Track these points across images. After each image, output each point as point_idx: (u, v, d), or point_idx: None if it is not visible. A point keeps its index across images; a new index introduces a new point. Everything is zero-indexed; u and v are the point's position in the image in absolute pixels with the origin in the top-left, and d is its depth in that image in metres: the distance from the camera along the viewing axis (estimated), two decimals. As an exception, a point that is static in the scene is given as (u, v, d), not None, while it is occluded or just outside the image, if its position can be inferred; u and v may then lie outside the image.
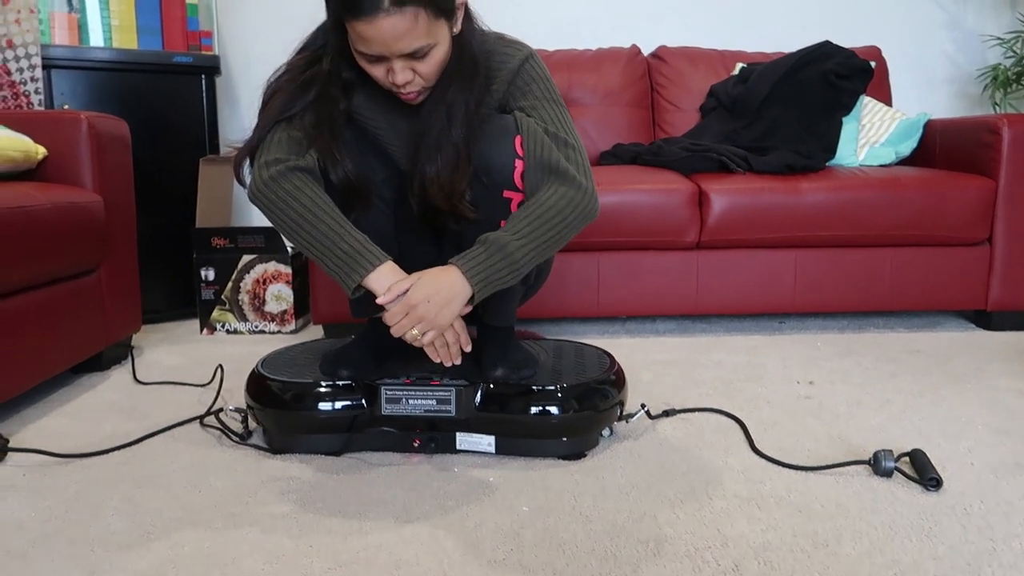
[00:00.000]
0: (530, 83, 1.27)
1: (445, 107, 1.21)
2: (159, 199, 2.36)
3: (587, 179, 1.23)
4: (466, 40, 1.21)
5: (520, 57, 1.27)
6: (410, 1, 1.07)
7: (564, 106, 1.29)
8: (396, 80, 1.15)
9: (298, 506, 1.14)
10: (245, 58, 2.85)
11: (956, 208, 2.09)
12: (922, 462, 1.21)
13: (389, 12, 1.07)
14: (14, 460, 1.32)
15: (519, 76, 1.26)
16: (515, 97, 1.26)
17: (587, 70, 2.66)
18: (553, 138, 1.22)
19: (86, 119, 1.78)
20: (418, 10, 1.08)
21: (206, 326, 2.29)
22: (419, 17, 1.09)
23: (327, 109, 1.23)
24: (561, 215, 1.20)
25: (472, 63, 1.22)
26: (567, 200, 1.20)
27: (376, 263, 1.19)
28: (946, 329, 2.20)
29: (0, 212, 1.41)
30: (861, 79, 2.36)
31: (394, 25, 1.08)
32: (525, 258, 1.19)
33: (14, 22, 2.16)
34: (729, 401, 1.59)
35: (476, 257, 1.18)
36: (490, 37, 1.28)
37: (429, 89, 1.21)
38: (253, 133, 1.26)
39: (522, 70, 1.27)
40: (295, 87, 1.24)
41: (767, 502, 1.14)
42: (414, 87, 1.18)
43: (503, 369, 1.34)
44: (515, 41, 1.30)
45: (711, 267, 2.15)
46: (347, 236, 1.19)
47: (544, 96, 1.26)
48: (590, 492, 1.18)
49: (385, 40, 1.09)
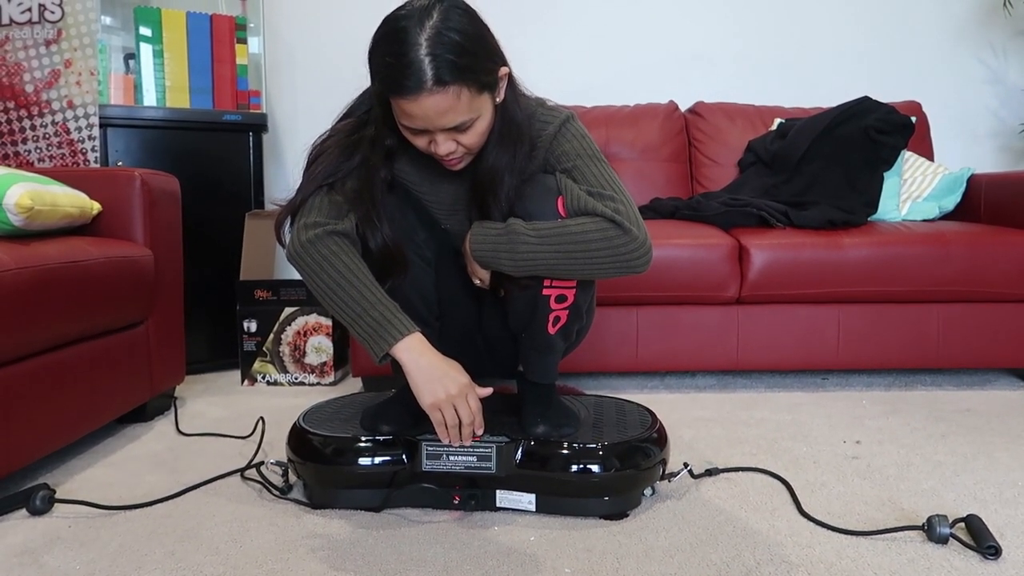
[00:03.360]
0: (570, 144, 1.27)
1: (489, 171, 1.22)
2: (205, 252, 2.42)
3: (636, 227, 1.20)
4: (510, 106, 1.23)
5: (560, 120, 1.28)
6: (452, 80, 1.08)
7: (606, 162, 1.29)
8: (439, 151, 1.17)
9: (338, 563, 1.13)
10: (292, 116, 2.94)
11: (1004, 264, 2.05)
12: (979, 528, 1.17)
13: (432, 92, 1.08)
14: (60, 511, 1.33)
15: (558, 139, 1.27)
16: (557, 159, 1.27)
17: (625, 126, 2.69)
18: (598, 197, 1.22)
19: (139, 176, 1.84)
20: (460, 88, 1.10)
21: (247, 377, 2.32)
22: (462, 95, 1.10)
23: (369, 176, 1.24)
24: (588, 241, 1.18)
25: (516, 128, 1.24)
26: (602, 232, 1.18)
27: (405, 333, 1.19)
28: (997, 387, 2.14)
29: (56, 267, 1.46)
30: (902, 135, 2.35)
31: (437, 103, 1.09)
32: (529, 256, 1.19)
33: (75, 84, 2.26)
34: (774, 460, 1.56)
35: (490, 229, 1.21)
36: (532, 102, 1.30)
37: (472, 155, 1.23)
38: (296, 194, 1.28)
39: (561, 133, 1.28)
40: (339, 152, 1.26)
41: (817, 568, 1.10)
42: (456, 156, 1.20)
43: (544, 426, 1.33)
44: (556, 106, 1.32)
45: (752, 322, 2.12)
46: (378, 304, 1.20)
47: (585, 154, 1.27)
48: (633, 554, 1.15)
49: (428, 117, 1.11)
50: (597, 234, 1.18)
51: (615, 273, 1.22)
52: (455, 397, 1.20)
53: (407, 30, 1.09)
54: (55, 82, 2.27)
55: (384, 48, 1.11)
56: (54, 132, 2.27)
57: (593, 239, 1.18)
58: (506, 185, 1.23)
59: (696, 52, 2.94)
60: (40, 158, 2.28)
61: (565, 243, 1.18)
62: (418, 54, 1.07)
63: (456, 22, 1.10)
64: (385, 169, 1.27)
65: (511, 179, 1.23)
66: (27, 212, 1.52)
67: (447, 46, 1.08)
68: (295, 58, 2.92)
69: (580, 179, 1.24)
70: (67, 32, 2.27)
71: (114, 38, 2.41)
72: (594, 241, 1.18)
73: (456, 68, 1.08)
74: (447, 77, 1.08)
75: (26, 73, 2.26)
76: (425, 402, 1.20)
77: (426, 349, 1.21)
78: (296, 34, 2.92)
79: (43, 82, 2.27)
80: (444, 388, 1.20)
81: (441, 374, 1.20)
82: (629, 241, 1.19)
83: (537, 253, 1.19)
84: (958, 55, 2.93)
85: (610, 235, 1.18)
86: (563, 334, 1.34)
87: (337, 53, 2.88)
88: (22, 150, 2.27)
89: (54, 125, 2.27)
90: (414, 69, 1.07)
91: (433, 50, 1.07)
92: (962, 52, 2.93)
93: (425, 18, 1.09)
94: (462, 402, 1.21)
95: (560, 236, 1.19)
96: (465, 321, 1.43)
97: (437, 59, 1.07)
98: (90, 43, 2.28)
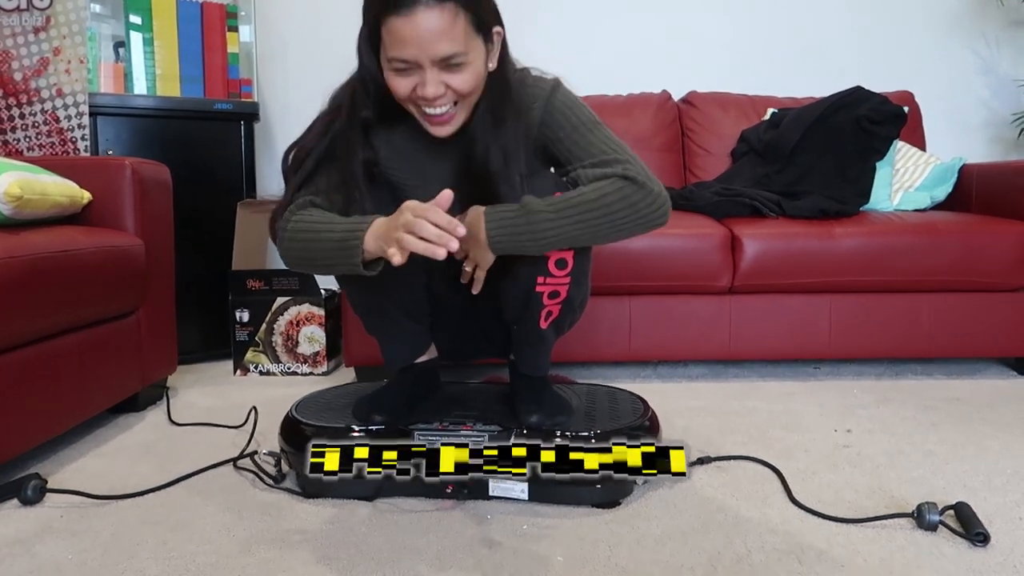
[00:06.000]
0: (563, 113, 1.24)
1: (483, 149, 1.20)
2: (196, 241, 2.41)
3: (650, 181, 1.18)
4: (501, 79, 1.21)
5: (548, 90, 1.25)
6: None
7: (603, 125, 1.26)
8: (427, 92, 1.13)
9: (331, 552, 1.13)
10: (283, 105, 2.92)
11: (994, 254, 2.06)
12: (968, 516, 1.18)
13: (429, 5, 1.06)
14: (52, 501, 1.33)
15: (549, 111, 1.25)
16: (551, 128, 1.24)
17: (618, 115, 2.68)
18: (603, 164, 1.19)
19: (130, 165, 1.83)
20: (458, 9, 1.08)
21: (239, 367, 2.32)
22: (458, 18, 1.09)
23: (348, 166, 1.22)
24: (607, 204, 1.15)
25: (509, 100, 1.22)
26: (619, 193, 1.16)
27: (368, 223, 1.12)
28: (986, 377, 2.15)
29: (46, 256, 1.45)
30: (894, 124, 2.35)
31: (432, 21, 1.07)
32: (550, 232, 1.15)
33: (64, 72, 2.24)
34: (765, 449, 1.57)
35: (505, 214, 1.16)
36: (521, 73, 1.28)
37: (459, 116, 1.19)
38: (283, 195, 1.27)
39: (551, 103, 1.25)
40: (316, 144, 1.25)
41: (807, 555, 1.11)
42: (444, 102, 1.16)
43: (537, 415, 1.34)
44: (541, 75, 1.29)
45: (744, 312, 2.13)
46: (341, 223, 1.15)
47: (582, 122, 1.24)
48: (626, 542, 1.16)
49: (421, 39, 1.08)
50: (615, 195, 1.16)
51: (639, 231, 1.20)
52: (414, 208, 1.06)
53: None
54: (44, 70, 2.25)
55: None
56: (43, 121, 2.25)
57: (612, 201, 1.16)
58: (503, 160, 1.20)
59: (690, 41, 2.93)
60: (29, 147, 2.26)
61: (584, 211, 1.15)
62: None
63: None
64: (365, 151, 1.24)
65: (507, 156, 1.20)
66: (16, 201, 1.51)
67: None
68: (287, 46, 2.91)
69: (581, 151, 1.22)
70: (56, 19, 2.25)
71: (104, 26, 2.39)
72: (613, 203, 1.16)
73: None
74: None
75: (14, 61, 2.24)
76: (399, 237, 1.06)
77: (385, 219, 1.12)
78: (287, 22, 2.90)
79: (32, 70, 2.25)
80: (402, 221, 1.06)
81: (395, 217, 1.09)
82: (646, 195, 1.17)
83: (559, 227, 1.15)
84: (950, 45, 2.94)
85: (627, 193, 1.16)
86: (555, 327, 1.34)
87: (329, 41, 2.86)
88: (11, 139, 2.25)
89: (43, 113, 2.25)
90: None
91: None
92: (954, 42, 2.94)
93: None
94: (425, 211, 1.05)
95: (579, 205, 1.16)
96: (459, 310, 1.43)
97: None
98: (79, 31, 2.26)
